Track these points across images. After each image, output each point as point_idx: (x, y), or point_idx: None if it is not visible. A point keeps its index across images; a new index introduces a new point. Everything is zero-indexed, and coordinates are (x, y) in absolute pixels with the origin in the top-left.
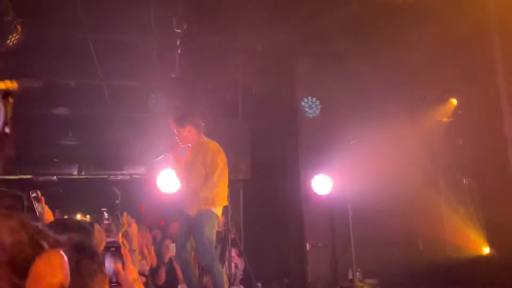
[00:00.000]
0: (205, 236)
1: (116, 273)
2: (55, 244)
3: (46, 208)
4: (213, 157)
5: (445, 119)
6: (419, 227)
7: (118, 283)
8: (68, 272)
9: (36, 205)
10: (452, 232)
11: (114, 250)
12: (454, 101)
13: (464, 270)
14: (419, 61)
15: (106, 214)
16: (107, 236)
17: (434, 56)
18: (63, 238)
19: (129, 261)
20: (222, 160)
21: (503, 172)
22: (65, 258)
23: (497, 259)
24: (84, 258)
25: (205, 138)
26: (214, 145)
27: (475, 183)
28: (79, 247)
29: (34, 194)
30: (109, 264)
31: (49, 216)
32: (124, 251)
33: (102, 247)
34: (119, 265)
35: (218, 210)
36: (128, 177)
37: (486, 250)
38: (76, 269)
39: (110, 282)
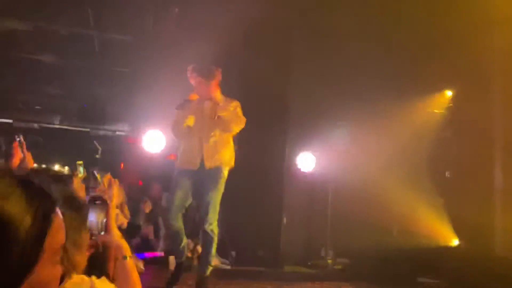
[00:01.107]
0: (218, 197)
1: (101, 227)
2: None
3: (28, 154)
4: (242, 117)
5: (436, 111)
6: (396, 214)
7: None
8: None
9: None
10: (427, 223)
11: (100, 203)
12: (448, 93)
13: (433, 258)
14: (416, 52)
15: (81, 169)
16: (90, 190)
17: (433, 48)
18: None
19: (114, 217)
20: None
21: (485, 170)
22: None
23: (464, 250)
24: (69, 211)
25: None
26: None
27: (456, 177)
28: (67, 199)
29: (18, 139)
30: (94, 217)
31: (30, 162)
32: (110, 206)
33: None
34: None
35: None
36: (110, 133)
37: (455, 242)
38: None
39: (92, 236)
